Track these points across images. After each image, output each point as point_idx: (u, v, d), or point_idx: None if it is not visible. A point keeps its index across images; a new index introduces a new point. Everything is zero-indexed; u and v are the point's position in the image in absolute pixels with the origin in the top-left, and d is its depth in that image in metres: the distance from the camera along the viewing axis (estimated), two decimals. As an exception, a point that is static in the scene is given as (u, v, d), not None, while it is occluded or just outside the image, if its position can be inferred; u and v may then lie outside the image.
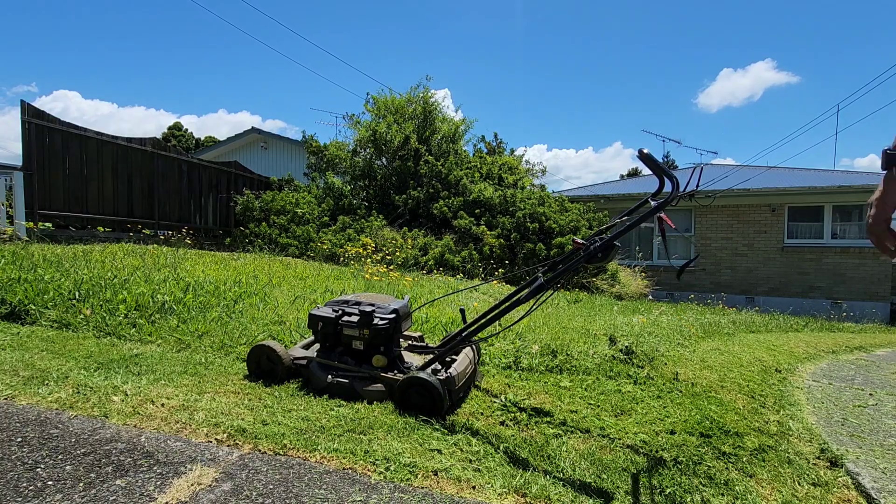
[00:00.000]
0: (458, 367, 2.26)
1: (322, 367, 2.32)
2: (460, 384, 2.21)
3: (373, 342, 2.28)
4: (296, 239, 9.76)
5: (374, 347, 2.29)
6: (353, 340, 2.32)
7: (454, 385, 2.15)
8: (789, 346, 4.53)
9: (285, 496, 1.39)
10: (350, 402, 2.14)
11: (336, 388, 2.22)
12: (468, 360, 2.38)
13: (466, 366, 2.33)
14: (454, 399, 2.18)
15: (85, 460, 1.52)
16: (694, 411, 2.32)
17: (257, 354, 2.41)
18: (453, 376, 2.16)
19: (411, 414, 2.02)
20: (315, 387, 2.26)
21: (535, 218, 9.86)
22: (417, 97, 11.95)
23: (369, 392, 2.19)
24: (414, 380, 2.07)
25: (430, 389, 2.03)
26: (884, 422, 2.44)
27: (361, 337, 2.29)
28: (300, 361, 2.40)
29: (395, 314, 2.31)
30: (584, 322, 4.51)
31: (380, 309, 2.35)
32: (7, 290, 3.44)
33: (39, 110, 7.44)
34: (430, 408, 2.04)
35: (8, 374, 2.21)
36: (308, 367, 2.35)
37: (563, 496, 1.47)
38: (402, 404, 2.09)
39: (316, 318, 2.39)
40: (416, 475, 1.54)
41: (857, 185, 12.29)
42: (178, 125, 37.91)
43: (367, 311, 2.29)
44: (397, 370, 2.26)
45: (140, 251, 6.15)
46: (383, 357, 2.26)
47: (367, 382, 2.22)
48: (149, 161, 9.33)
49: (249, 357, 2.42)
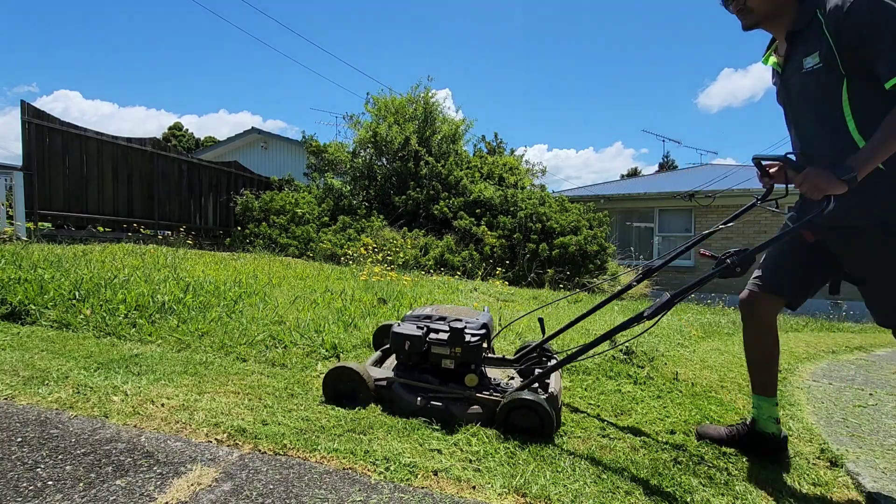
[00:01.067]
0: (555, 384, 2.13)
1: (408, 389, 2.14)
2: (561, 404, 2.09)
3: (464, 360, 2.12)
4: (296, 239, 9.77)
5: (465, 366, 2.13)
6: (442, 359, 2.14)
7: (557, 404, 2.02)
8: (789, 346, 4.53)
9: (285, 496, 1.39)
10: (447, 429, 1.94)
11: (430, 412, 2.03)
12: (558, 375, 2.24)
13: (560, 382, 2.20)
14: (559, 419, 2.05)
15: (85, 460, 1.52)
16: (694, 411, 2.32)
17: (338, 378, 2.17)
18: (556, 395, 2.03)
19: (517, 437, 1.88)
20: (403, 410, 2.06)
21: (536, 218, 9.86)
22: (418, 97, 11.95)
23: (467, 415, 2.01)
24: (519, 402, 1.91)
25: (539, 411, 1.89)
26: (884, 422, 2.44)
27: (452, 355, 2.12)
28: (381, 382, 2.19)
29: (486, 329, 2.19)
30: (584, 322, 4.50)
31: (470, 324, 2.20)
32: (7, 290, 3.44)
33: (39, 110, 7.45)
34: (538, 430, 1.90)
35: (8, 374, 2.21)
36: (391, 389, 2.15)
37: (563, 496, 1.47)
38: (505, 427, 1.93)
39: (402, 336, 2.18)
40: (416, 475, 1.54)
41: (857, 185, 12.28)
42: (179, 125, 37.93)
43: (458, 329, 2.13)
44: (490, 389, 2.10)
45: (140, 251, 6.15)
46: (475, 375, 2.10)
47: (463, 404, 2.04)
48: (149, 161, 9.33)
49: (326, 380, 2.17)
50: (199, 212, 10.67)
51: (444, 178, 10.82)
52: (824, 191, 1.43)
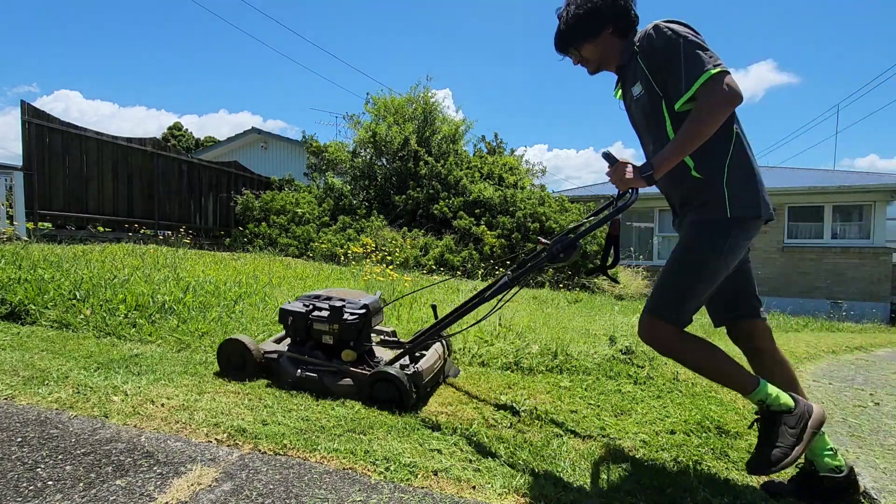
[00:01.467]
0: (425, 362, 2.29)
1: (292, 362, 2.33)
2: (427, 379, 2.25)
3: (343, 337, 2.29)
4: (296, 239, 9.76)
5: (344, 342, 2.30)
6: (323, 335, 2.33)
7: (421, 380, 2.18)
8: (789, 346, 4.53)
9: (285, 496, 1.39)
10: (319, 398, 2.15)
11: (305, 383, 2.24)
12: (437, 355, 2.42)
13: (435, 361, 2.37)
14: (421, 393, 2.21)
15: (85, 460, 1.52)
16: (694, 411, 2.32)
17: (227, 349, 2.40)
18: (421, 371, 2.19)
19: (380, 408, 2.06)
20: (284, 381, 2.27)
21: (536, 218, 9.86)
22: (418, 97, 11.94)
23: (338, 387, 2.21)
24: (381, 374, 2.11)
25: (397, 384, 2.08)
26: (884, 422, 2.44)
27: (331, 332, 2.30)
28: (271, 356, 2.39)
29: (366, 309, 2.34)
30: (584, 322, 4.51)
31: (350, 304, 2.37)
32: (7, 290, 3.44)
33: (39, 110, 7.44)
34: (397, 402, 2.08)
35: (8, 374, 2.21)
36: (278, 362, 2.35)
37: (563, 496, 1.47)
38: (370, 399, 2.12)
39: (287, 312, 2.39)
40: (416, 475, 1.54)
41: (857, 186, 12.29)
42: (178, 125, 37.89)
43: (338, 307, 2.32)
44: (367, 365, 2.27)
45: (140, 251, 6.15)
46: (353, 351, 2.28)
47: (336, 377, 2.23)
48: (149, 161, 9.33)
49: (219, 352, 2.41)
50: (199, 212, 10.67)
51: (444, 177, 10.81)
52: (627, 183, 1.61)
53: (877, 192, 12.21)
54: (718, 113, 1.47)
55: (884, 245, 12.26)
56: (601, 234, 9.97)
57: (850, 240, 12.73)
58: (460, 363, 2.88)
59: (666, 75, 1.57)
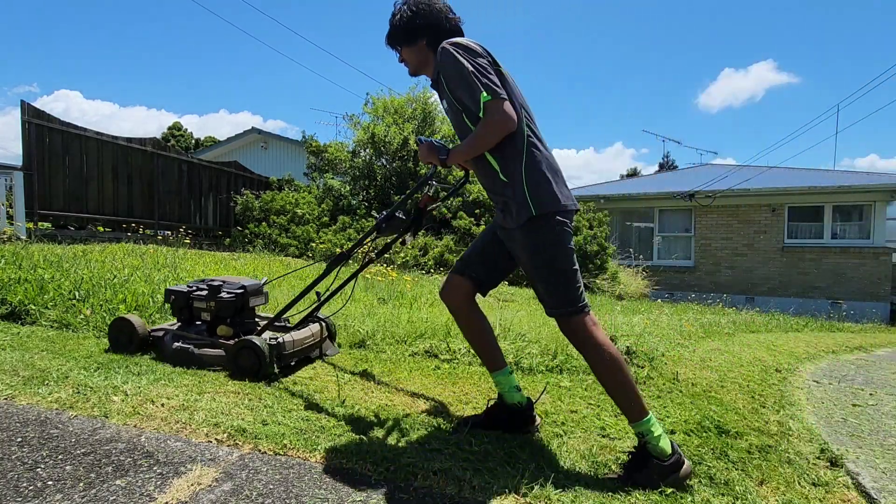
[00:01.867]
0: (292, 335, 2.51)
1: (174, 338, 2.55)
2: (292, 351, 2.48)
3: (219, 313, 2.54)
4: (296, 239, 9.76)
5: (221, 318, 2.55)
6: (202, 312, 2.58)
7: (284, 350, 2.41)
8: (789, 346, 4.54)
9: (285, 496, 1.39)
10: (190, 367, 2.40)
11: (178, 354, 2.47)
12: (310, 333, 2.66)
13: (306, 337, 2.60)
14: (284, 363, 2.45)
15: (85, 460, 1.52)
16: (694, 411, 2.32)
17: (116, 327, 2.64)
18: (283, 342, 2.41)
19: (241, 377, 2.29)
20: (163, 355, 2.52)
21: (535, 218, 9.84)
22: (417, 97, 11.93)
23: (210, 357, 2.43)
24: (244, 343, 2.32)
25: (257, 351, 2.28)
26: (884, 422, 2.44)
27: (209, 309, 2.55)
28: (157, 333, 2.63)
29: (243, 290, 2.57)
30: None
31: (229, 284, 2.61)
32: (7, 290, 3.44)
33: (39, 110, 7.44)
34: (256, 370, 2.29)
35: (8, 374, 2.21)
36: (163, 339, 2.58)
37: (563, 496, 1.47)
38: (234, 367, 2.34)
39: (169, 292, 2.66)
40: (416, 475, 1.54)
41: (857, 185, 12.29)
42: (178, 125, 37.89)
43: (216, 286, 2.57)
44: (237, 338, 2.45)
45: (140, 251, 6.15)
46: (228, 327, 2.52)
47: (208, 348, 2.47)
48: (149, 161, 9.33)
49: (109, 329, 2.65)
50: (199, 212, 10.67)
51: (444, 178, 10.81)
52: (427, 160, 1.86)
53: (877, 192, 12.21)
54: (492, 136, 1.68)
55: (884, 245, 12.26)
56: (601, 234, 9.97)
57: (850, 240, 12.73)
58: (461, 363, 2.88)
59: (459, 93, 1.74)
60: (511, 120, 1.66)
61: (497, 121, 1.65)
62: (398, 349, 3.07)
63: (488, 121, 1.66)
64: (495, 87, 1.65)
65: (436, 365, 2.82)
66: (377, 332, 3.25)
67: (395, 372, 2.65)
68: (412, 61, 1.96)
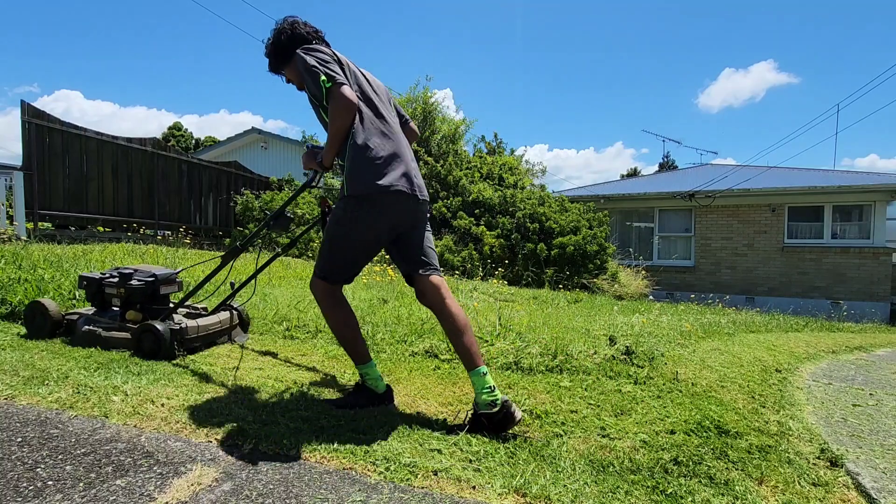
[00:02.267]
0: (196, 321, 2.69)
1: (85, 322, 2.69)
2: (195, 335, 2.67)
3: (130, 299, 2.69)
4: (296, 239, 9.75)
5: (132, 304, 2.70)
6: (113, 298, 2.75)
7: (186, 335, 2.60)
8: (789, 346, 4.53)
9: (285, 496, 1.39)
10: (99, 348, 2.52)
11: (86, 336, 2.61)
12: (218, 320, 2.85)
13: (212, 323, 2.79)
14: (188, 347, 2.63)
15: (85, 460, 1.52)
16: (694, 411, 2.32)
17: (32, 310, 2.77)
18: (185, 327, 2.60)
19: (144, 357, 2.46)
20: (74, 337, 2.67)
21: (536, 218, 9.85)
22: (417, 97, 11.93)
23: (115, 340, 2.59)
24: (145, 327, 2.50)
25: (157, 333, 2.47)
26: (884, 422, 2.44)
27: (119, 295, 2.71)
28: (71, 317, 2.76)
29: (153, 278, 2.72)
30: (584, 322, 4.51)
31: (140, 273, 2.76)
32: (7, 290, 3.43)
33: (39, 110, 7.44)
34: (157, 351, 2.47)
35: (8, 374, 2.21)
36: (76, 323, 2.70)
37: (563, 496, 1.47)
38: (137, 349, 2.52)
39: (82, 278, 2.81)
40: (416, 475, 1.54)
41: (857, 185, 12.29)
42: (178, 125, 37.88)
43: (126, 274, 2.73)
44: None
45: (140, 251, 6.15)
46: (137, 313, 2.67)
47: (115, 332, 2.62)
48: (149, 161, 9.33)
49: (25, 315, 2.80)
50: (199, 212, 10.67)
51: (444, 177, 10.81)
52: (309, 167, 2.13)
53: (877, 192, 12.21)
54: (341, 117, 1.89)
55: (884, 245, 12.26)
56: (601, 234, 9.98)
57: (850, 240, 12.73)
58: (461, 363, 2.88)
59: (309, 85, 1.97)
60: (351, 101, 1.88)
61: (340, 105, 1.87)
62: (398, 349, 3.07)
63: (332, 106, 1.88)
64: (334, 75, 1.88)
65: (436, 365, 2.82)
66: (377, 332, 3.25)
67: (395, 372, 2.65)
68: (293, 78, 2.20)
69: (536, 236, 9.64)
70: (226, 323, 2.90)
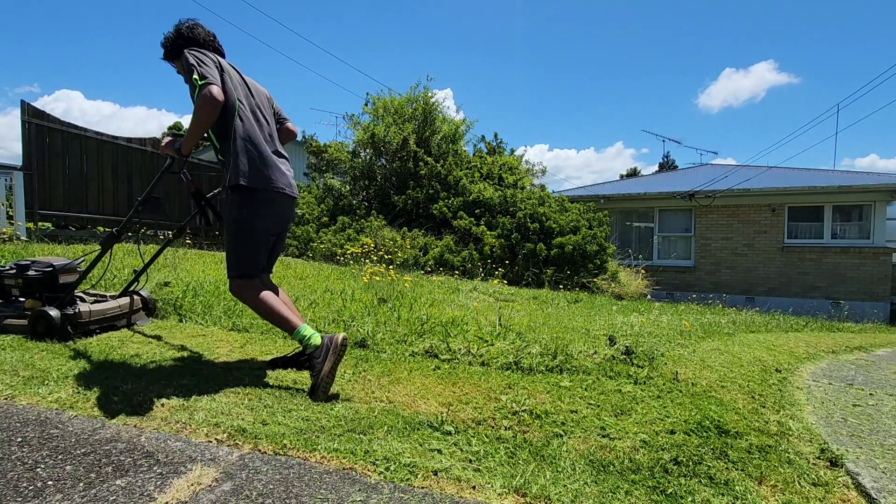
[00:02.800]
0: (90, 307, 2.86)
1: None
2: (90, 319, 2.84)
3: (28, 289, 2.87)
4: (295, 239, 9.76)
5: (31, 294, 2.87)
6: (11, 288, 2.92)
7: (80, 318, 2.79)
8: (789, 346, 4.53)
9: (285, 496, 1.39)
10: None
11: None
12: (117, 305, 3.03)
13: (110, 308, 2.97)
14: (83, 329, 2.81)
15: (85, 460, 1.52)
16: (694, 411, 2.32)
17: None
18: (80, 312, 2.78)
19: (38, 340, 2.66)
20: None
21: (536, 218, 9.85)
22: (417, 97, 11.92)
23: (11, 325, 2.78)
24: (38, 312, 2.69)
25: (49, 320, 2.66)
26: (884, 422, 2.44)
27: (17, 285, 2.88)
28: None
29: (51, 268, 2.88)
30: (584, 322, 4.51)
31: (38, 264, 2.92)
32: (7, 290, 3.43)
33: (39, 110, 7.44)
34: (50, 334, 2.67)
35: (8, 374, 2.21)
36: None
37: (563, 496, 1.47)
38: (32, 333, 2.70)
39: None
40: (416, 475, 1.54)
41: (857, 185, 12.29)
42: (178, 125, 37.87)
43: (24, 265, 2.89)
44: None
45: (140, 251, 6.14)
46: (35, 301, 2.85)
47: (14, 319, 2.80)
48: (149, 161, 9.32)
49: None
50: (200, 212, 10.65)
51: (444, 178, 10.80)
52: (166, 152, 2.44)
53: (877, 192, 12.21)
54: (202, 113, 2.10)
55: (884, 245, 12.26)
56: (601, 234, 9.98)
57: (850, 240, 12.73)
58: (462, 363, 2.88)
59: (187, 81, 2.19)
60: (215, 98, 2.07)
61: (203, 104, 2.07)
62: (398, 349, 3.07)
63: (197, 103, 2.08)
64: (207, 75, 2.10)
65: (436, 365, 2.82)
66: (377, 332, 3.25)
67: (395, 372, 2.65)
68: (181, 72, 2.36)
69: (536, 236, 9.64)
70: (125, 308, 3.08)
